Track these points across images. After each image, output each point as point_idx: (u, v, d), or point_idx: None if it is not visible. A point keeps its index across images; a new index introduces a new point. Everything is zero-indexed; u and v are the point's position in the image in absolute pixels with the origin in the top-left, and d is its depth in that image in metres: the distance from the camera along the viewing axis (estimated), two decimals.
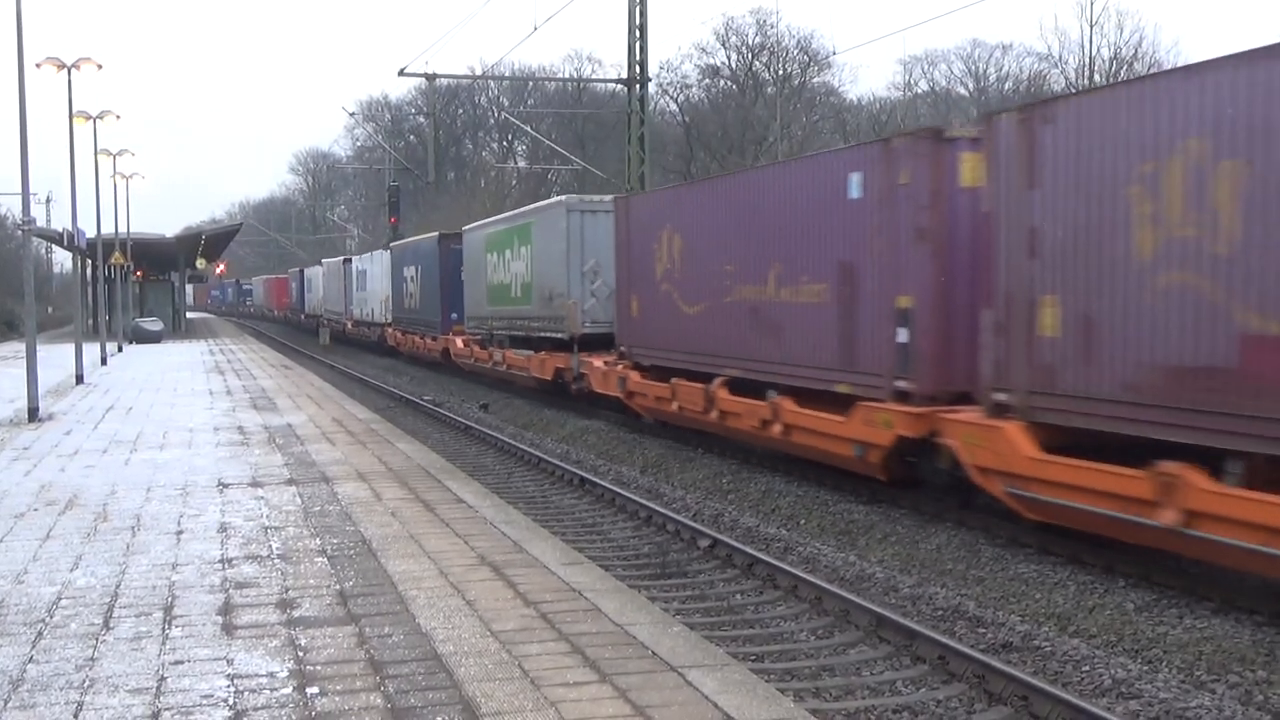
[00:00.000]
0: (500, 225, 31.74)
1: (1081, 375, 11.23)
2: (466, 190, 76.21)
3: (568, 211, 25.83)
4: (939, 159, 13.57)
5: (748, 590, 11.41)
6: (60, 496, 12.62)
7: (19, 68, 21.50)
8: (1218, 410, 9.76)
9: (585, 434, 22.96)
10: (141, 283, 67.46)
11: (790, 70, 68.35)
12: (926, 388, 13.58)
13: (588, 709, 5.92)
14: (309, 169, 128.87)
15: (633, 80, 37.90)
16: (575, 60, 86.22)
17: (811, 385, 15.72)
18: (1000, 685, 8.25)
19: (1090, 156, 11.07)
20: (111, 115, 41.18)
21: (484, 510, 11.42)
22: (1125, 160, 10.65)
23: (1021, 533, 12.52)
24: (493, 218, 34.67)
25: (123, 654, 6.97)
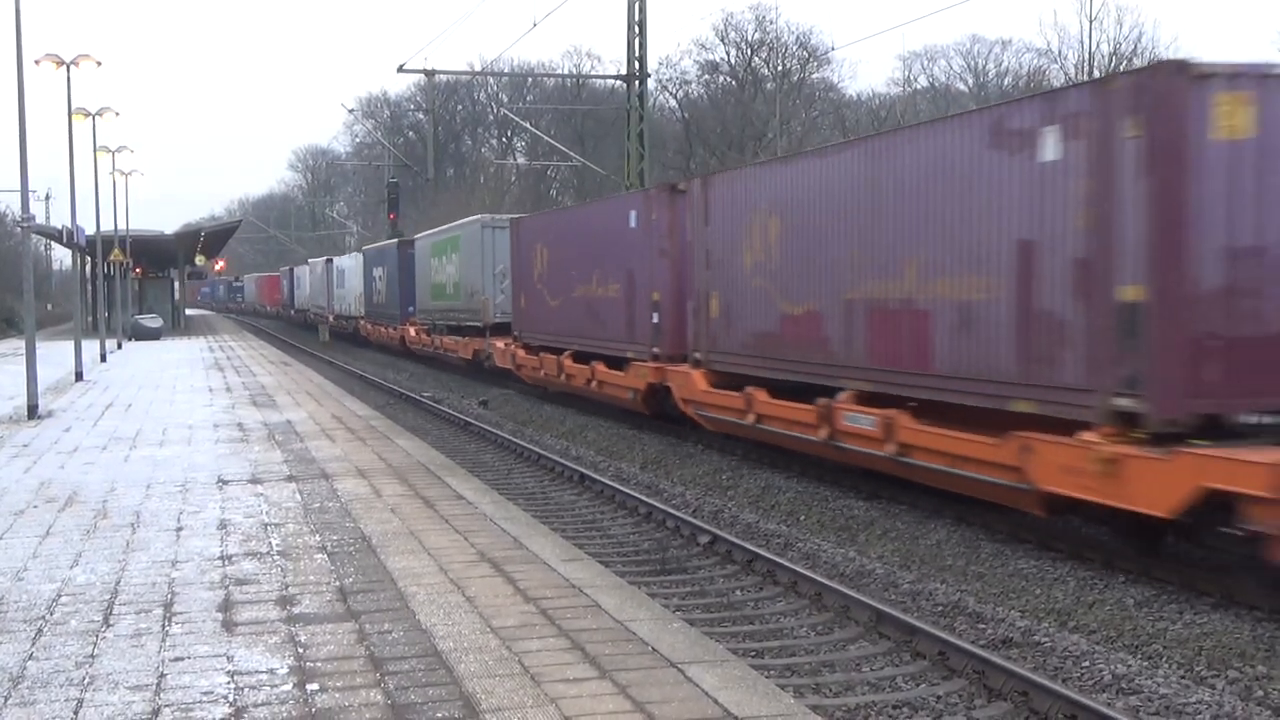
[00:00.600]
0: (440, 235, 38.09)
1: (726, 340, 18.18)
2: (466, 186, 76.23)
3: (482, 228, 32.61)
4: (674, 203, 20.30)
5: (747, 586, 11.41)
6: (60, 493, 12.62)
7: (18, 65, 21.50)
8: (772, 356, 16.76)
9: (585, 430, 22.96)
10: (141, 280, 67.46)
11: (789, 66, 68.34)
12: (666, 352, 20.31)
13: (588, 705, 5.92)
14: (308, 165, 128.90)
15: (632, 76, 37.88)
16: (574, 56, 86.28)
17: (613, 353, 22.49)
18: (1000, 681, 8.25)
19: (731, 208, 17.95)
20: (111, 112, 41.14)
21: (484, 507, 11.41)
22: (743, 212, 17.54)
23: (1021, 529, 12.52)
24: (436, 229, 41.00)
25: (123, 651, 6.97)
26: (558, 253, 25.89)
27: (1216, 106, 10.17)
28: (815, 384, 15.42)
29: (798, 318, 15.96)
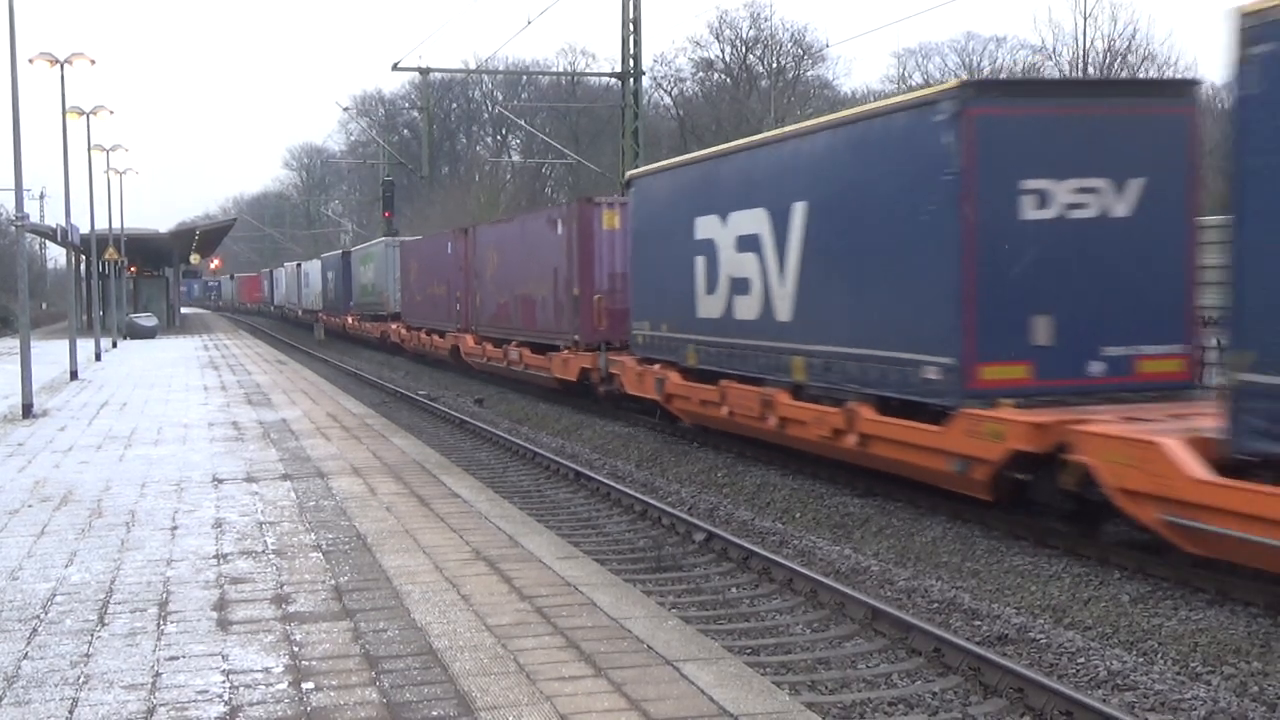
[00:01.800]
0: (364, 249, 53.22)
1: (483, 318, 30.43)
2: (461, 184, 76.11)
3: (386, 247, 46.74)
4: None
5: (743, 584, 11.42)
6: (55, 492, 12.61)
7: (11, 63, 21.45)
8: (494, 325, 30.83)
9: (580, 428, 22.97)
10: (135, 278, 67.37)
11: (784, 63, 68.37)
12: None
13: (583, 703, 5.92)
14: (303, 164, 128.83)
15: (627, 74, 37.89)
16: (569, 54, 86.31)
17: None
18: (995, 677, 8.26)
19: (482, 247, 29.66)
20: (105, 110, 41.06)
21: (479, 505, 11.41)
22: (485, 248, 30.02)
23: (1017, 525, 12.54)
24: (364, 244, 56.97)
25: (117, 650, 6.97)
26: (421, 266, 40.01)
27: (604, 215, 24.57)
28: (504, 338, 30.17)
29: (503, 303, 30.17)
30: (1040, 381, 12.62)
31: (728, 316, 17.85)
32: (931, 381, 13.02)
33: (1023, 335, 12.56)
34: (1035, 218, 12.56)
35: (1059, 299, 12.63)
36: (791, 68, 68.51)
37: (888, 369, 13.84)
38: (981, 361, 12.57)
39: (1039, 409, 12.17)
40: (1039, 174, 12.57)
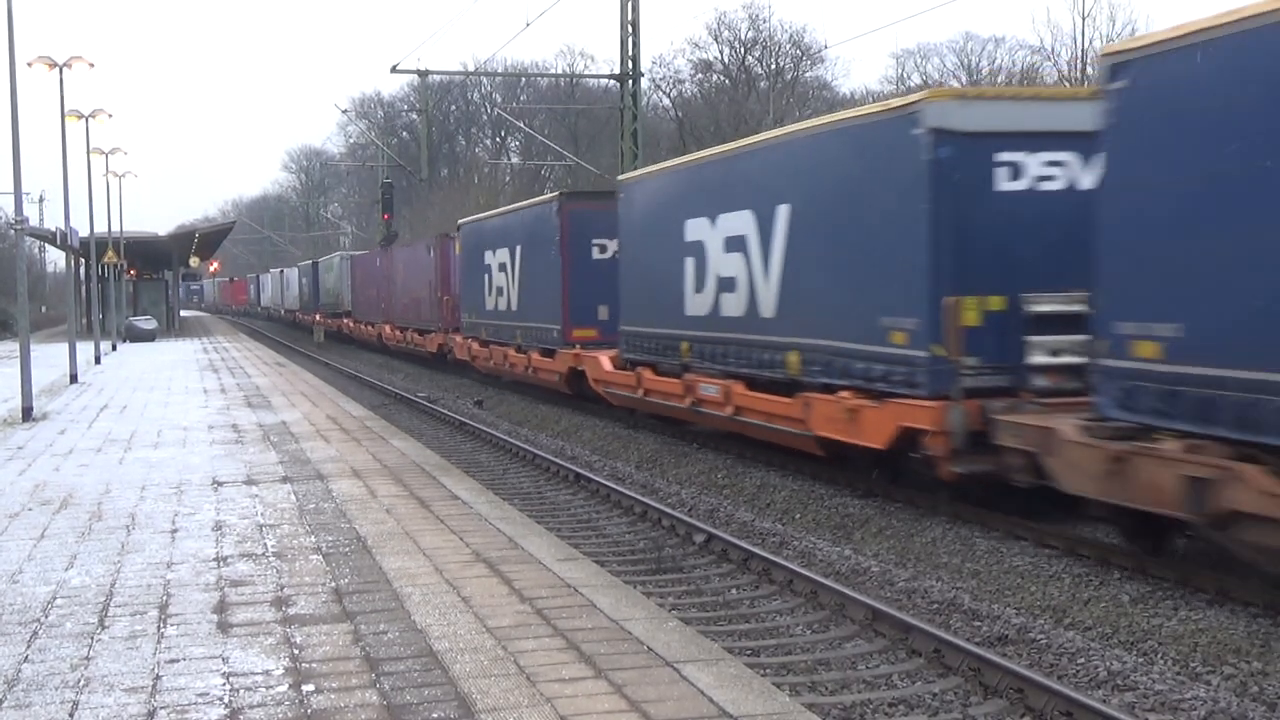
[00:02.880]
0: (328, 260, 64.43)
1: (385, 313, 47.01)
2: (460, 186, 76.13)
3: (340, 259, 59.34)
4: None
5: (743, 585, 11.42)
6: (55, 496, 12.61)
7: (10, 66, 21.46)
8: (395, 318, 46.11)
9: (580, 430, 22.96)
10: (135, 281, 67.37)
11: (783, 64, 68.36)
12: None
13: (583, 704, 5.93)
14: (302, 166, 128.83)
15: (625, 75, 37.91)
16: (568, 56, 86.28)
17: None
18: (996, 678, 8.26)
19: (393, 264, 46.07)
20: (104, 114, 41.06)
21: (479, 506, 11.41)
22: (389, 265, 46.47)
23: (1017, 526, 12.54)
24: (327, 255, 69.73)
25: (118, 653, 6.97)
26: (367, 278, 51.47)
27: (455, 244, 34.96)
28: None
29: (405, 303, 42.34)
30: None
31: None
32: None
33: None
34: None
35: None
36: (790, 69, 68.51)
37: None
38: None
39: None
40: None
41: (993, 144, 12.91)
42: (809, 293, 15.52)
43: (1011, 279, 12.77)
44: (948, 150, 12.85)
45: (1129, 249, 10.72)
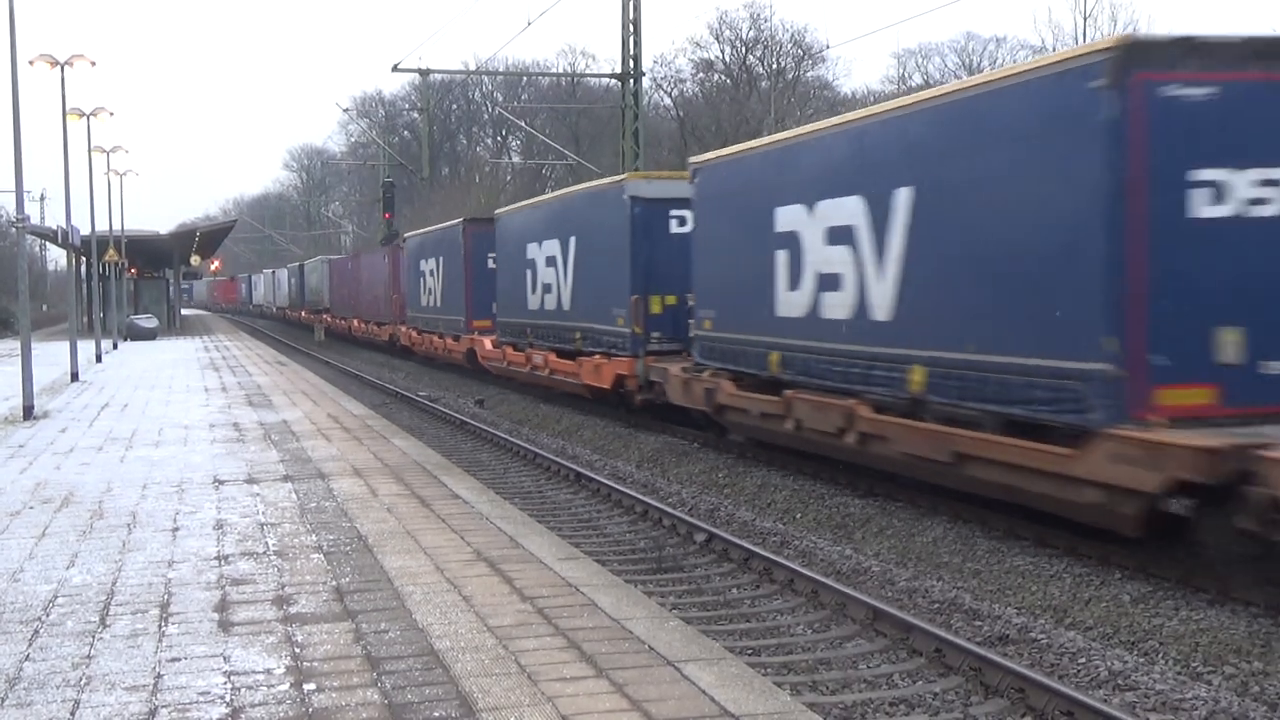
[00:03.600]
0: (312, 262, 71.90)
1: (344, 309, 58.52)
2: (461, 185, 76.15)
3: (321, 262, 67.26)
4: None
5: (744, 584, 11.42)
6: (56, 494, 12.62)
7: (12, 65, 21.46)
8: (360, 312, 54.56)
9: (581, 429, 22.97)
10: (136, 280, 67.39)
11: (784, 64, 68.29)
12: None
13: (584, 704, 5.93)
14: (303, 165, 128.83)
15: (626, 75, 37.90)
16: (569, 55, 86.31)
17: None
18: (997, 678, 8.26)
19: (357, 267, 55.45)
20: (105, 112, 41.06)
21: (480, 506, 11.42)
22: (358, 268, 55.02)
23: (1018, 525, 12.54)
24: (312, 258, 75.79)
25: (119, 651, 6.97)
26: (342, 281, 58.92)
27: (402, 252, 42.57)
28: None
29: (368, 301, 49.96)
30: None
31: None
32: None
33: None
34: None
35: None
36: (791, 69, 68.44)
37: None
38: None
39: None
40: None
41: (666, 205, 21.10)
42: (581, 293, 24.11)
43: (681, 286, 20.09)
44: (640, 209, 21.25)
45: (701, 269, 18.89)
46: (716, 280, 18.36)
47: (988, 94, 12.25)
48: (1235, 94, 10.31)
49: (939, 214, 12.74)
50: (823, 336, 15.10)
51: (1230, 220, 10.29)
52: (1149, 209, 10.27)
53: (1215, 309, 10.28)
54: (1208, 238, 10.29)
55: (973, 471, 12.27)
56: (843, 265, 14.54)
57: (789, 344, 16.03)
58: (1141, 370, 10.29)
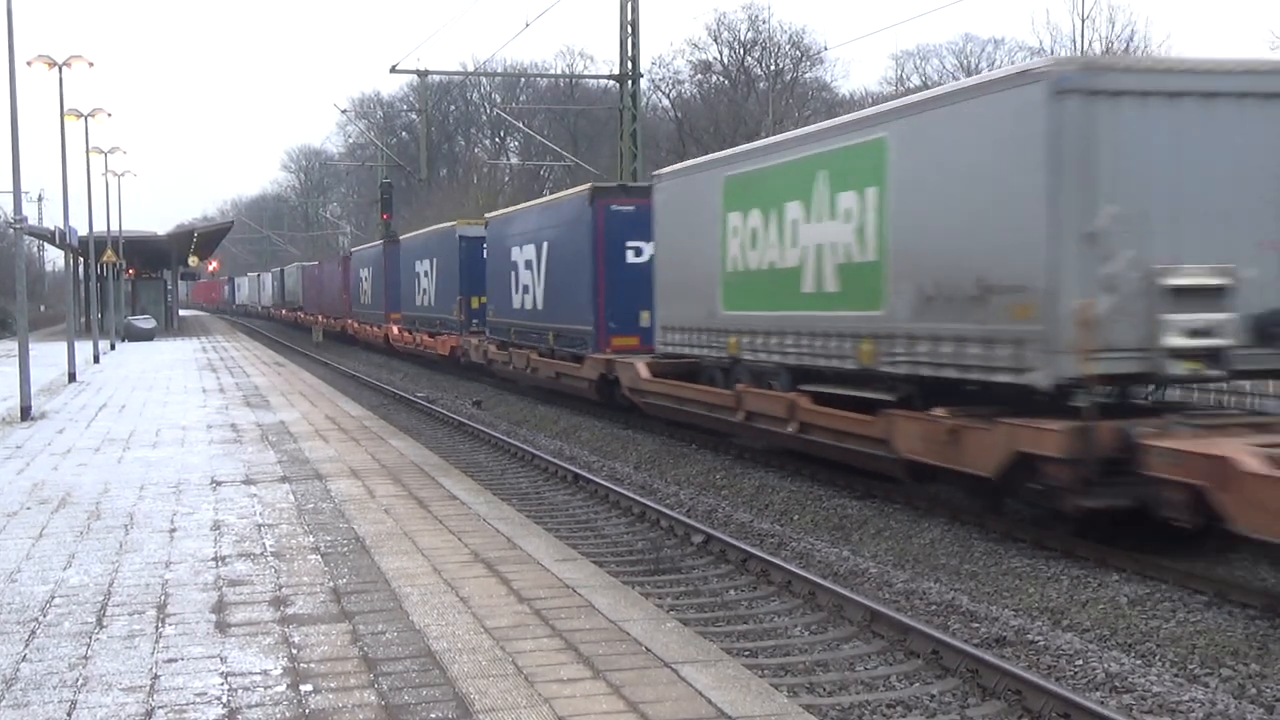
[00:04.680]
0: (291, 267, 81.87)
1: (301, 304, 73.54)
2: (459, 186, 76.16)
3: (298, 267, 77.53)
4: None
5: (741, 586, 11.42)
6: (53, 495, 12.61)
7: (10, 65, 21.46)
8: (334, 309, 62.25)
9: (579, 430, 22.97)
10: (134, 280, 67.36)
11: (782, 65, 68.36)
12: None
13: (581, 705, 5.93)
14: (301, 166, 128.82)
15: (625, 76, 37.90)
16: (567, 56, 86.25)
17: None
18: (993, 680, 8.26)
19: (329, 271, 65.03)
20: (103, 113, 41.08)
21: (477, 507, 11.41)
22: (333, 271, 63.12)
23: (1015, 527, 12.55)
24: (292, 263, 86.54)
25: (116, 652, 6.97)
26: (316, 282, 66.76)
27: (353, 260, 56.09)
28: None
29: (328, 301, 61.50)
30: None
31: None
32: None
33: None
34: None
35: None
36: (790, 70, 68.50)
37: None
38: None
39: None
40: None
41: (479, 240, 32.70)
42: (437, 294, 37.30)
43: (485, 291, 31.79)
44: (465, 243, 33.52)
45: (492, 283, 28.94)
46: (497, 288, 30.52)
47: (559, 204, 26.62)
48: (641, 210, 22.09)
49: (550, 257, 26.14)
50: (524, 318, 28.13)
51: (638, 265, 22.61)
52: (606, 259, 23.20)
53: (635, 302, 22.34)
54: (631, 271, 22.75)
55: (562, 379, 25.63)
56: (530, 280, 27.53)
57: (516, 323, 28.76)
58: (603, 328, 23.21)
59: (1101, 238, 11.22)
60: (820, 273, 15.31)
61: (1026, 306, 11.58)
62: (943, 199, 12.91)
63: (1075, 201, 11.23)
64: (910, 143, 13.45)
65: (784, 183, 16.13)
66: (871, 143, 14.10)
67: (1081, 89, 11.29)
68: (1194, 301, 11.28)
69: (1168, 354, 11.20)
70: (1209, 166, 11.45)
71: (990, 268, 12.10)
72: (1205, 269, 11.35)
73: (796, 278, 15.81)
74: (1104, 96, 11.31)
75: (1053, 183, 11.28)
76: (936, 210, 13.00)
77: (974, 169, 12.40)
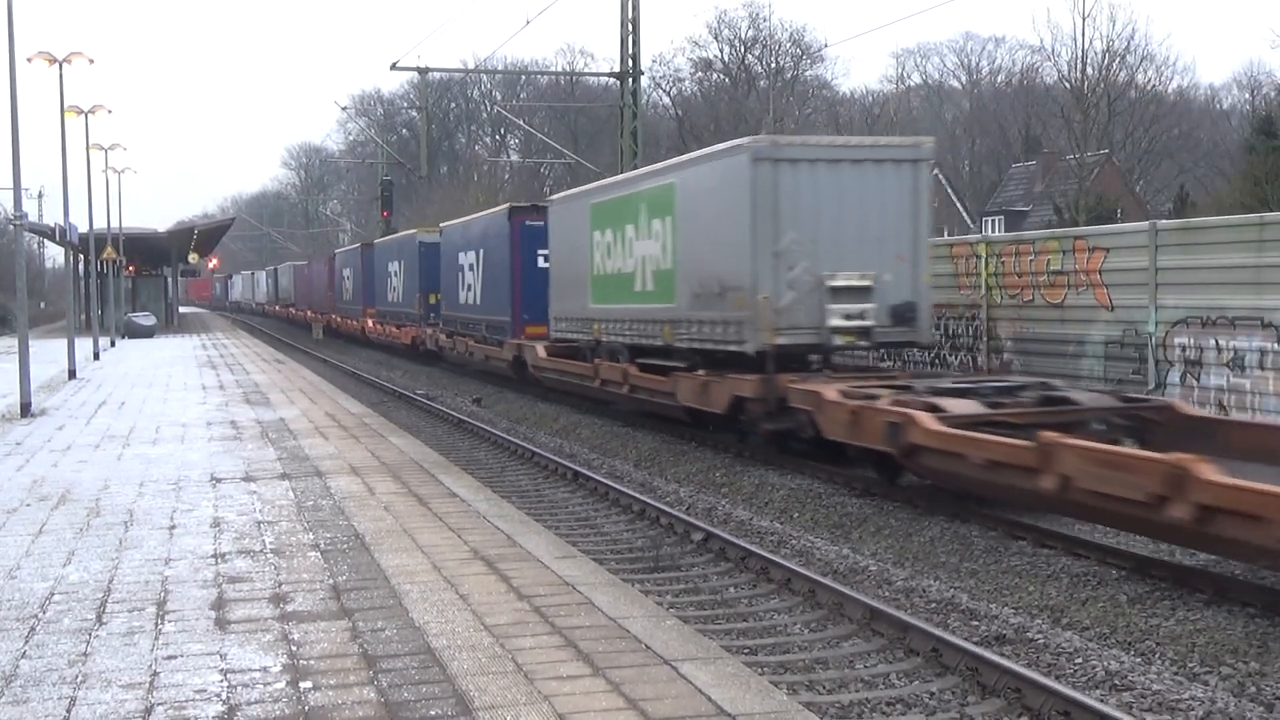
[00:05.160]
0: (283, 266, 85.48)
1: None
2: (460, 184, 76.16)
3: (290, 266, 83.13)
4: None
5: (741, 584, 11.41)
6: (53, 492, 12.61)
7: (10, 62, 21.45)
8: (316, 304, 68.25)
9: (579, 428, 22.97)
10: (134, 277, 67.37)
11: (783, 63, 68.36)
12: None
13: (581, 702, 5.92)
14: (301, 163, 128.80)
15: (625, 74, 37.91)
16: (568, 54, 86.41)
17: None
18: (993, 678, 8.25)
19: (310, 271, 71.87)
20: (103, 110, 41.08)
21: (477, 504, 11.41)
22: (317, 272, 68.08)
23: (1015, 526, 12.55)
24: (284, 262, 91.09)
25: (115, 649, 6.97)
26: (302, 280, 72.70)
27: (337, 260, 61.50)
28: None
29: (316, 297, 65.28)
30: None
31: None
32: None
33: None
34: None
35: None
36: (790, 68, 68.50)
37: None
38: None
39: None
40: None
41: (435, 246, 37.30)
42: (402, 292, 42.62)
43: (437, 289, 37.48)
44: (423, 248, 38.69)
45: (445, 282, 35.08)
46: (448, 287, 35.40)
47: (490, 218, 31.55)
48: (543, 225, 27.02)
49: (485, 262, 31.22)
50: (466, 312, 33.28)
51: (546, 269, 26.53)
52: (521, 264, 28.29)
53: (544, 298, 26.42)
54: (541, 274, 26.95)
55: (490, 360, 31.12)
56: (473, 280, 32.51)
57: (460, 316, 34.02)
58: (518, 319, 28.27)
59: (784, 254, 16.56)
60: (644, 277, 20.65)
61: (741, 300, 16.90)
62: (702, 228, 18.32)
63: (767, 230, 16.57)
64: (687, 188, 18.95)
65: (624, 210, 21.56)
66: (668, 185, 19.75)
67: (769, 158, 16.67)
68: (849, 296, 16.70)
69: (832, 331, 16.70)
70: (856, 206, 16.78)
71: (724, 275, 17.47)
72: (856, 274, 16.74)
73: (631, 280, 21.18)
74: (784, 162, 16.71)
75: (753, 218, 16.63)
76: (700, 235, 18.44)
77: (715, 208, 17.82)
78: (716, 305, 17.57)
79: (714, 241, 17.72)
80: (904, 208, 16.96)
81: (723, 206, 17.40)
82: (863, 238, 16.68)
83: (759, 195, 16.47)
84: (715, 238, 17.68)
